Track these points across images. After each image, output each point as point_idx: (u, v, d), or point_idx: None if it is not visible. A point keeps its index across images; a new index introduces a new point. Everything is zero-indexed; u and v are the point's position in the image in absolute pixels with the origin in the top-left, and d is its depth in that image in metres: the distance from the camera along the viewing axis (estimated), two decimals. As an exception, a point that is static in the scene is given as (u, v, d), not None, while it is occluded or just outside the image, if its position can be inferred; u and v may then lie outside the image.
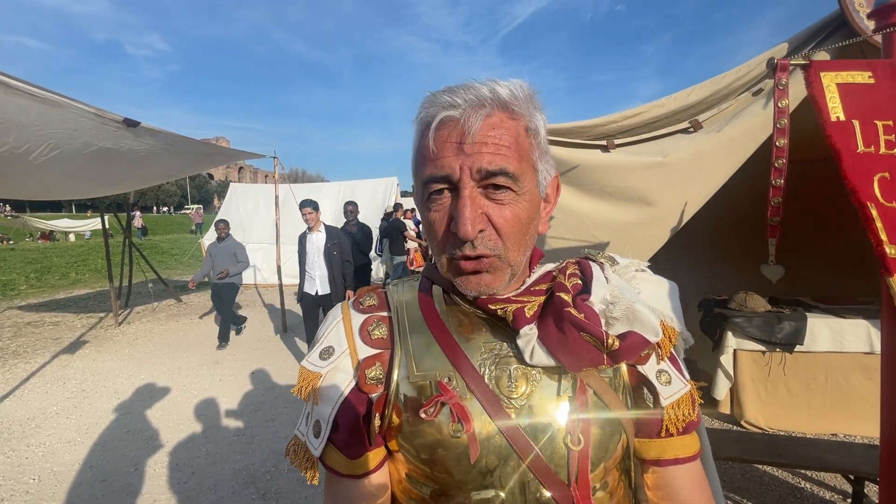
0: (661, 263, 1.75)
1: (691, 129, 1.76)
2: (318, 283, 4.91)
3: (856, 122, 1.16)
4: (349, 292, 4.93)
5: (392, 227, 8.51)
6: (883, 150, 1.15)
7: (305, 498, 2.87)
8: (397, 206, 9.65)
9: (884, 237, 1.13)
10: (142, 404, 4.31)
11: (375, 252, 10.09)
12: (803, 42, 1.65)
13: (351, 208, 6.08)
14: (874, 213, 1.14)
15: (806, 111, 1.37)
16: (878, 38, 1.32)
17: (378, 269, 9.96)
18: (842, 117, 1.15)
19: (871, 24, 1.45)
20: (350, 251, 5.11)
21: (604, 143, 1.81)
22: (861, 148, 1.15)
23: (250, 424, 3.89)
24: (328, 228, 4.99)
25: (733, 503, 2.66)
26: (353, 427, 0.68)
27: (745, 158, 1.67)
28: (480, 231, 0.61)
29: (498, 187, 0.61)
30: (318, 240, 4.93)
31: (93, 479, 3.13)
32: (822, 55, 1.60)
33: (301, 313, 5.32)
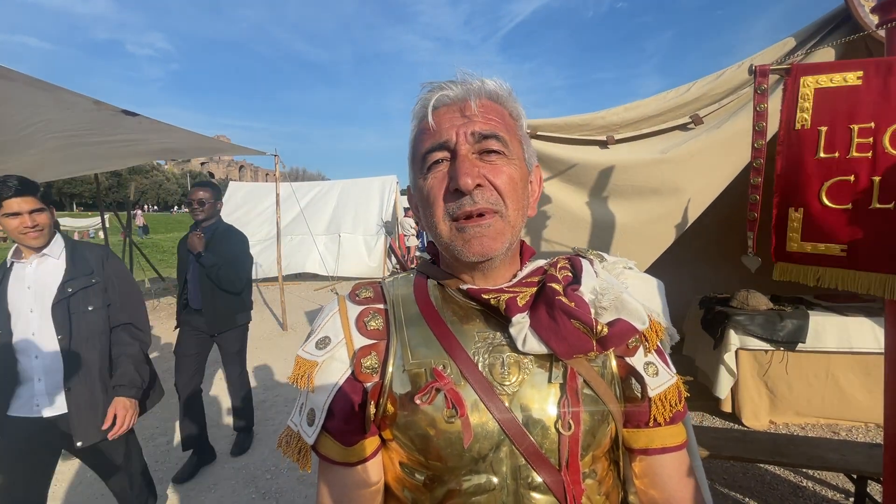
0: (661, 261, 1.75)
1: (691, 125, 1.75)
2: (45, 391, 1.87)
3: (822, 129, 1.25)
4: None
5: None
6: (853, 153, 1.23)
7: (305, 497, 2.86)
8: None
9: (795, 236, 1.32)
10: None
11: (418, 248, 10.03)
12: (809, 36, 1.63)
13: (203, 195, 3.07)
14: (793, 216, 1.31)
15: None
16: (883, 32, 1.31)
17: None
18: (807, 126, 1.26)
19: (875, 19, 1.44)
20: (143, 310, 2.19)
21: (603, 138, 1.80)
22: (821, 154, 1.25)
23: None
24: (75, 248, 2.06)
25: (735, 502, 2.65)
26: (348, 415, 0.70)
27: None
28: (479, 186, 0.64)
29: (490, 151, 0.66)
30: (38, 277, 1.94)
31: (93, 477, 3.12)
32: (828, 51, 1.58)
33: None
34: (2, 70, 2.36)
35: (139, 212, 28.95)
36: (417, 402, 0.64)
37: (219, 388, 4.61)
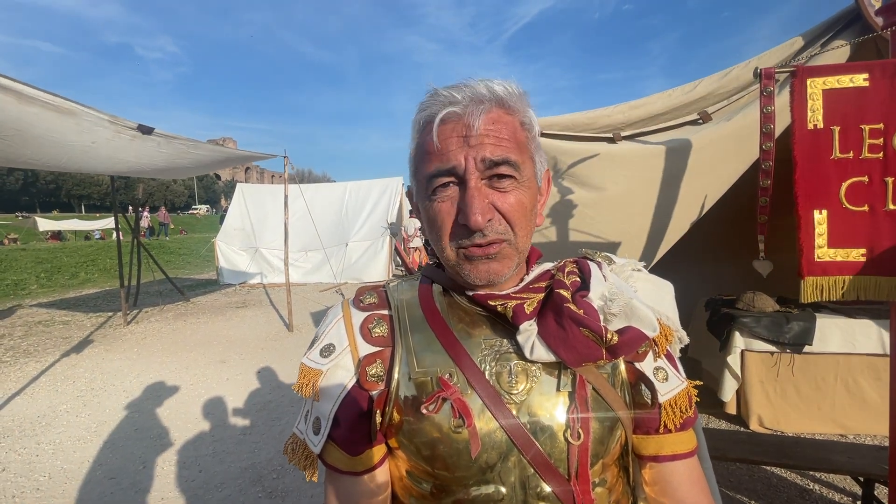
0: (666, 262, 1.75)
1: (700, 121, 1.74)
2: None
3: (835, 129, 1.22)
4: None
5: None
6: (865, 153, 1.21)
7: (311, 497, 2.88)
8: None
9: (821, 241, 1.26)
10: (150, 403, 4.35)
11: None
12: (818, 35, 1.63)
13: None
14: (818, 218, 1.26)
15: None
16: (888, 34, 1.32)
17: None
18: (820, 125, 1.22)
19: (880, 21, 1.44)
20: None
21: (609, 135, 1.80)
22: (836, 154, 1.23)
23: (257, 423, 3.91)
24: None
25: (741, 504, 2.64)
26: (354, 424, 0.68)
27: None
28: (489, 220, 0.62)
29: (501, 177, 0.63)
30: None
31: (102, 476, 3.16)
32: (842, 50, 1.57)
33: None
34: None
35: (146, 213, 29.09)
36: (424, 411, 0.63)
37: (223, 389, 4.65)
